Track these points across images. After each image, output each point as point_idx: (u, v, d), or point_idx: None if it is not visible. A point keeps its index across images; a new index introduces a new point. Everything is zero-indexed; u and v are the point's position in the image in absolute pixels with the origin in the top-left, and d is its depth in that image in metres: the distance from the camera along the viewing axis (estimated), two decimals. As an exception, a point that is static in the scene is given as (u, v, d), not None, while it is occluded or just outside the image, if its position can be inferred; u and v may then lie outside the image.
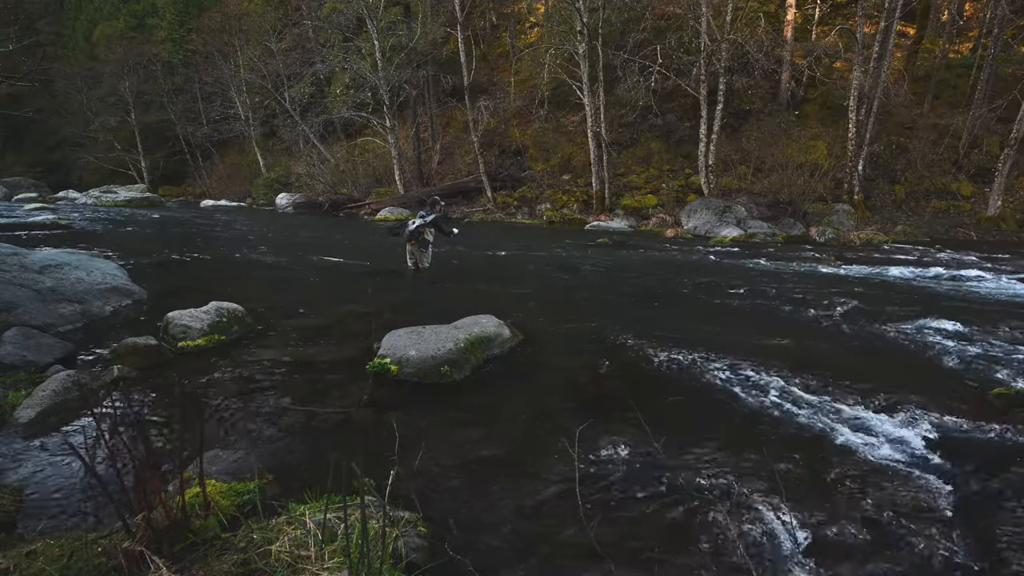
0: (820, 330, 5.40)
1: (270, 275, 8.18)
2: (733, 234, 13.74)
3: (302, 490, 2.30)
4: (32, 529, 2.16)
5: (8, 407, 3.20)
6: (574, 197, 18.87)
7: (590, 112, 17.27)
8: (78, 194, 27.49)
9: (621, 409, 3.44)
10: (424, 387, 3.81)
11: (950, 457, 2.89)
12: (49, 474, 2.61)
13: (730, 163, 17.67)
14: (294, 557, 1.75)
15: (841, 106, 16.59)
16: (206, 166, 33.02)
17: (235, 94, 28.42)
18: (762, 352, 4.53)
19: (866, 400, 3.55)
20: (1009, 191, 14.46)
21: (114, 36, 33.56)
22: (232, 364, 4.10)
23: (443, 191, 20.44)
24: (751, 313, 6.09)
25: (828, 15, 21.09)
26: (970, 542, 2.23)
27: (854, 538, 2.25)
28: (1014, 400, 3.45)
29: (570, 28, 17.61)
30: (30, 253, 6.05)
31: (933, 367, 4.32)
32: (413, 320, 4.69)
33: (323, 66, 23.27)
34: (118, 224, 14.93)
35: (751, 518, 2.35)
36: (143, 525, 1.76)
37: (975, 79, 16.25)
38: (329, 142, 25.87)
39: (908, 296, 6.90)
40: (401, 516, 2.14)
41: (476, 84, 22.02)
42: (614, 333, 5.08)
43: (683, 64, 17.06)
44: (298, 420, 3.26)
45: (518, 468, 2.79)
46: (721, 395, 3.71)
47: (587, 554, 2.12)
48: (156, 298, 5.98)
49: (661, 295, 7.10)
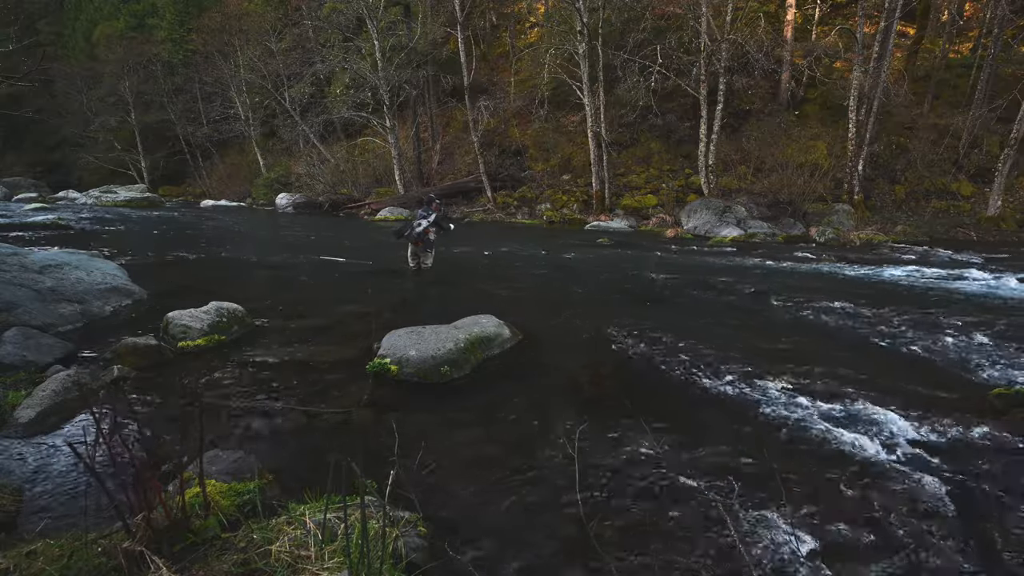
0: (820, 330, 5.39)
1: (270, 275, 8.18)
2: (733, 234, 13.74)
3: (302, 490, 2.31)
4: (32, 529, 2.16)
5: (8, 407, 3.20)
6: (574, 197, 18.87)
7: (590, 112, 17.27)
8: (78, 194, 27.49)
9: (621, 409, 3.44)
10: (424, 387, 3.81)
11: (950, 457, 2.89)
12: (49, 474, 2.61)
13: (730, 163, 17.66)
14: (294, 557, 1.75)
15: (841, 106, 16.58)
16: (206, 166, 33.01)
17: (235, 94, 28.40)
18: (762, 352, 4.53)
19: (866, 400, 3.55)
20: (1009, 191, 14.46)
21: (114, 36, 33.54)
22: (232, 364, 4.10)
23: (443, 191, 20.44)
24: (751, 313, 6.09)
25: (828, 15, 21.09)
26: (970, 542, 2.23)
27: (854, 538, 2.25)
28: (1014, 400, 3.45)
29: (570, 28, 17.61)
30: (30, 253, 6.05)
31: (933, 367, 4.32)
32: (413, 320, 4.69)
33: (323, 66, 23.25)
34: (118, 224, 14.93)
35: (751, 518, 2.35)
36: (143, 525, 1.76)
37: (975, 79, 16.25)
38: (329, 142, 25.86)
39: (908, 296, 6.90)
40: (401, 516, 2.14)
41: (476, 84, 22.01)
42: (614, 333, 5.08)
43: (683, 64, 17.06)
44: (298, 420, 3.26)
45: (518, 468, 2.79)
46: (721, 395, 3.71)
47: (587, 554, 2.12)
48: (156, 298, 5.98)
49: (661, 295, 7.10)
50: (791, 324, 5.62)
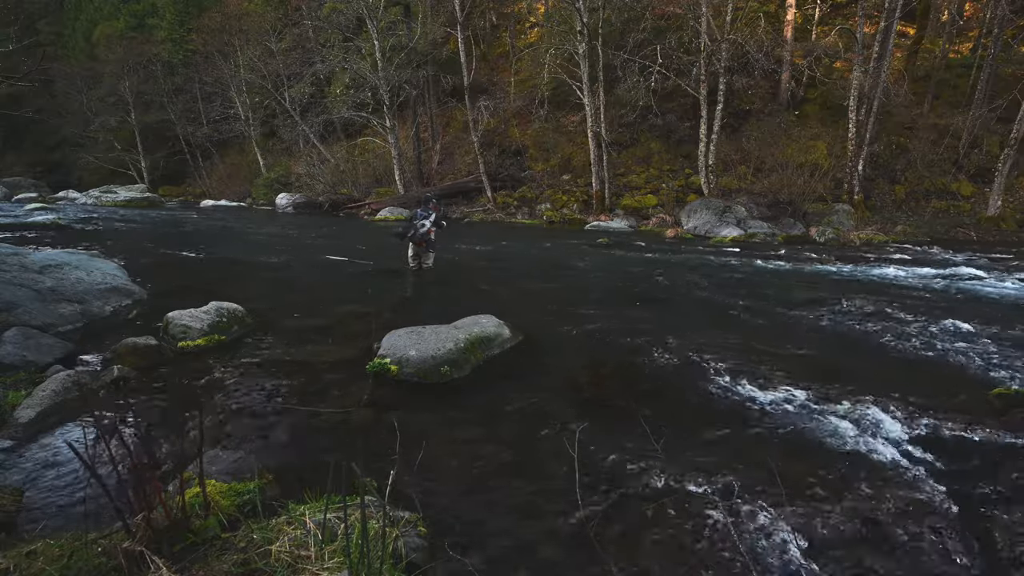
0: (820, 330, 5.39)
1: (270, 275, 8.18)
2: (733, 234, 13.73)
3: (302, 490, 2.30)
4: (32, 529, 2.16)
5: (8, 407, 3.20)
6: (574, 197, 18.87)
7: (590, 112, 17.27)
8: (78, 194, 27.49)
9: (621, 409, 3.44)
10: (424, 387, 3.81)
11: (950, 457, 2.89)
12: (49, 474, 2.61)
13: (730, 163, 17.66)
14: (294, 557, 1.75)
15: (841, 106, 16.57)
16: (206, 166, 33.00)
17: (235, 94, 28.39)
18: (762, 352, 4.53)
19: (866, 399, 3.55)
20: (1009, 191, 14.45)
21: (114, 36, 33.53)
22: (232, 364, 4.10)
23: (443, 191, 20.44)
24: (751, 313, 6.09)
25: (828, 15, 21.08)
26: (970, 542, 2.23)
27: (854, 538, 2.25)
28: (1014, 400, 3.46)
29: (570, 28, 17.60)
30: (30, 253, 6.05)
31: (933, 367, 4.32)
32: (413, 320, 4.69)
33: (323, 66, 23.25)
34: (118, 224, 14.93)
35: (751, 518, 2.35)
36: (143, 525, 1.76)
37: (975, 79, 16.24)
38: (329, 142, 25.85)
39: (908, 296, 6.90)
40: (401, 516, 2.14)
41: (476, 84, 22.01)
42: (614, 333, 5.08)
43: (683, 64, 17.05)
44: (298, 420, 3.26)
45: (518, 468, 2.79)
46: (721, 395, 3.71)
47: (587, 554, 2.12)
48: (156, 298, 5.98)
49: (661, 295, 7.10)
50: (791, 324, 5.62)
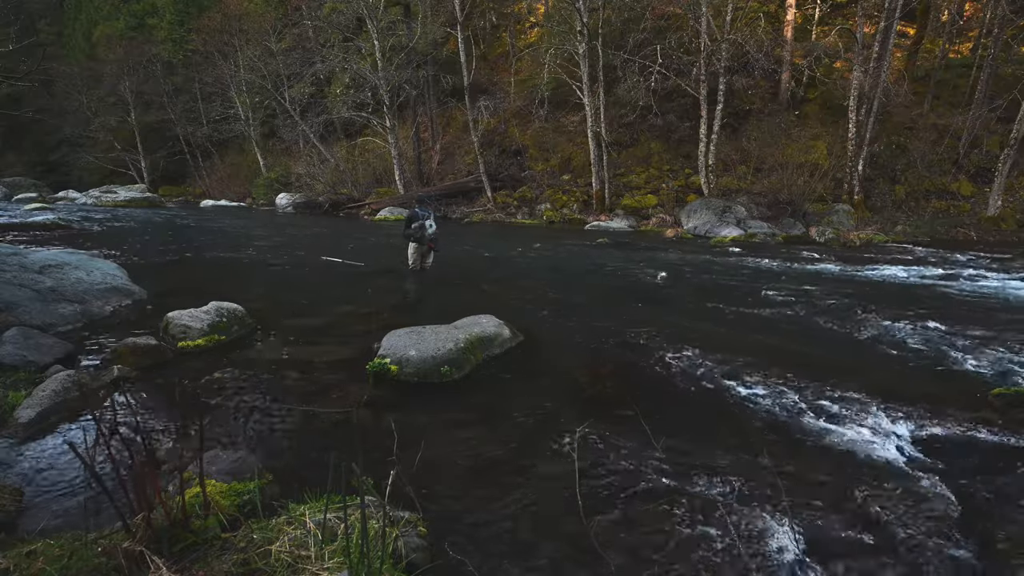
0: (820, 330, 5.39)
1: (270, 275, 8.18)
2: (733, 234, 13.74)
3: (302, 490, 2.30)
4: (32, 529, 2.16)
5: (8, 407, 3.20)
6: (574, 197, 18.87)
7: (590, 112, 17.27)
8: (78, 194, 27.45)
9: (621, 409, 3.44)
10: (424, 387, 3.81)
11: (950, 457, 2.89)
12: (49, 474, 2.61)
13: (730, 163, 17.66)
14: (294, 557, 1.74)
15: (841, 106, 16.58)
16: (206, 166, 33.00)
17: (235, 94, 28.40)
18: (761, 352, 4.53)
19: (866, 399, 3.55)
20: (1009, 191, 14.45)
21: (114, 36, 33.55)
22: (232, 364, 4.09)
23: (443, 191, 20.46)
24: (750, 313, 6.09)
25: (828, 15, 21.07)
26: (970, 542, 2.23)
27: (854, 538, 2.25)
28: (1014, 400, 3.46)
29: (570, 28, 17.61)
30: (30, 253, 6.05)
31: (933, 367, 4.32)
32: (413, 320, 4.69)
33: (323, 66, 23.25)
34: (118, 224, 14.92)
35: (751, 518, 2.35)
36: (143, 525, 1.76)
37: (975, 79, 16.23)
38: (329, 142, 25.86)
39: (908, 296, 6.90)
40: (401, 516, 2.14)
41: (476, 84, 22.01)
42: (614, 333, 5.08)
43: (683, 64, 17.05)
44: (298, 420, 3.26)
45: (518, 468, 2.79)
46: (721, 395, 3.71)
47: (587, 554, 2.12)
48: (156, 298, 5.98)
49: (661, 295, 7.10)
50: (791, 324, 5.62)
